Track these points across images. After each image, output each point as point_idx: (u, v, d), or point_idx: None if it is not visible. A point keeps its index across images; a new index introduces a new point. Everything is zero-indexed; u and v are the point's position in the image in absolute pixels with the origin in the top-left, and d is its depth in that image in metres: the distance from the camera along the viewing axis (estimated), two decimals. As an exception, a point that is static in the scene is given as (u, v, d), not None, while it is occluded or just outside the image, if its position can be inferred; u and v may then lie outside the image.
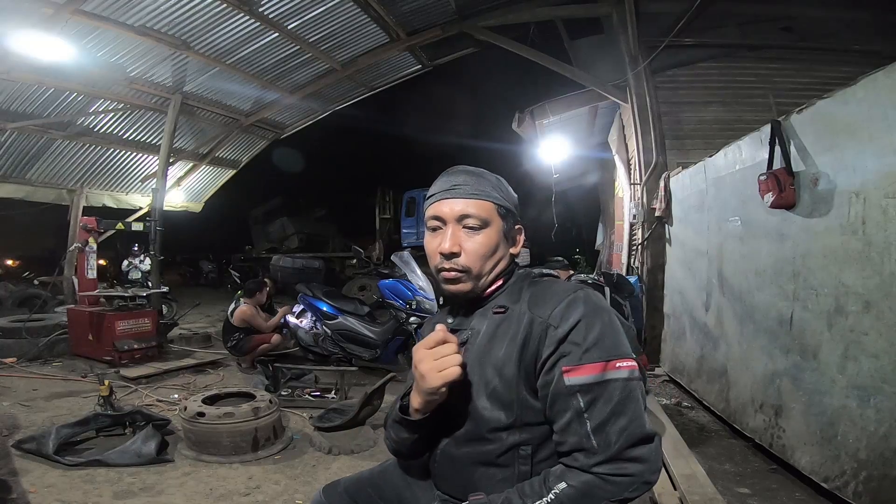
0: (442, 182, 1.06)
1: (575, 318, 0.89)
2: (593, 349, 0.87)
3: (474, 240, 1.01)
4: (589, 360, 0.86)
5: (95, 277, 5.55)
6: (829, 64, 5.15)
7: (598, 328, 0.88)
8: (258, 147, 9.57)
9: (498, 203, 1.03)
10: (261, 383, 4.17)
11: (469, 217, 1.01)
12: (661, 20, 5.42)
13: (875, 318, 2.06)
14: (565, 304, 0.91)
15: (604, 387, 0.85)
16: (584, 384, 0.86)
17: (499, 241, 1.03)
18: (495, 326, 1.00)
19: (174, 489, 2.56)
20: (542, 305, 0.94)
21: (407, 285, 4.72)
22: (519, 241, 1.10)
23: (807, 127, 2.51)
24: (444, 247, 1.00)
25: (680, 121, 5.44)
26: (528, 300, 0.97)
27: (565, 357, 0.88)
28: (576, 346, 0.87)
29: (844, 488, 2.15)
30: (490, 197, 1.03)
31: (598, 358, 0.86)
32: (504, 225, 1.05)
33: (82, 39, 5.17)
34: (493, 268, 1.04)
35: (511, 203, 1.07)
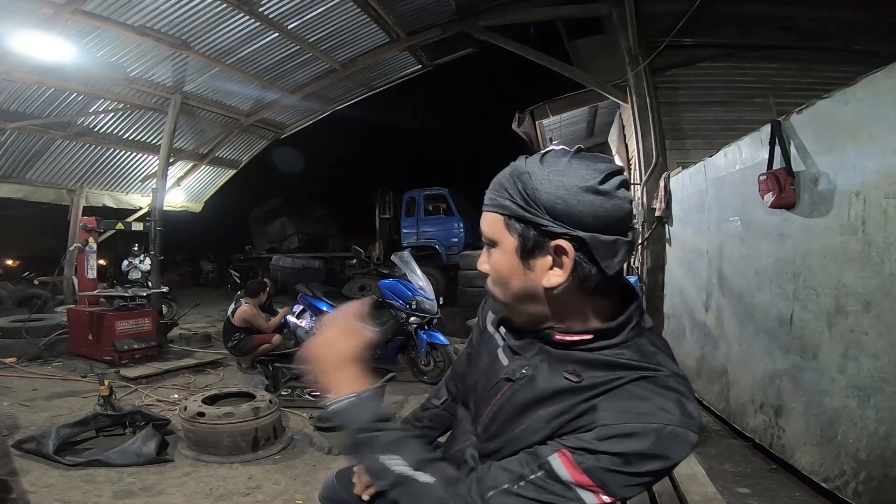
0: None
1: (622, 449, 0.68)
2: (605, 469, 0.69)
3: (491, 258, 0.83)
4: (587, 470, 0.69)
5: (95, 277, 5.55)
6: (829, 64, 5.15)
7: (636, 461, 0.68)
8: (258, 147, 9.57)
9: (506, 213, 0.78)
10: (261, 383, 4.17)
11: (484, 233, 0.83)
12: (661, 20, 5.42)
13: (875, 318, 2.06)
14: (631, 426, 0.69)
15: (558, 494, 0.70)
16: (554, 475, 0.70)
17: (510, 265, 0.79)
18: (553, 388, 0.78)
19: (174, 489, 2.56)
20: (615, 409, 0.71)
21: (407, 285, 4.72)
22: (559, 266, 0.75)
23: (807, 127, 2.51)
24: (479, 265, 0.87)
25: (680, 121, 5.44)
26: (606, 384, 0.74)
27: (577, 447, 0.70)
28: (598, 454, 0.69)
29: (844, 488, 2.15)
30: (497, 207, 0.79)
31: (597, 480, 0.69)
32: (518, 242, 0.77)
33: (82, 39, 5.17)
34: (521, 300, 0.81)
35: (532, 205, 0.74)
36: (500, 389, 0.86)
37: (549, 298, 0.78)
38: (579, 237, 0.72)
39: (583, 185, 0.72)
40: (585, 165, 0.74)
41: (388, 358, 4.69)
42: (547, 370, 0.81)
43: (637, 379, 0.73)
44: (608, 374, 0.75)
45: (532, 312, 0.82)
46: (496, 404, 0.86)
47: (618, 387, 0.73)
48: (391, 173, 16.20)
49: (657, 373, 0.75)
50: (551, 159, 0.76)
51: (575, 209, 0.72)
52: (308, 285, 5.24)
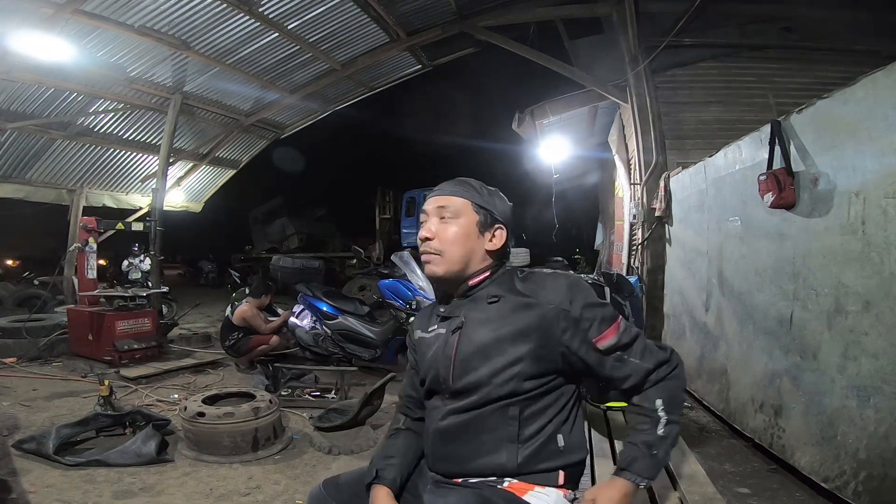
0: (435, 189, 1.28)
1: (581, 299, 1.13)
2: (606, 319, 1.14)
3: (446, 227, 1.20)
4: (607, 327, 1.13)
5: (95, 277, 5.55)
6: (829, 64, 5.15)
7: (597, 301, 1.16)
8: (258, 147, 9.57)
9: (474, 201, 1.22)
10: (261, 383, 4.17)
11: (444, 209, 1.21)
12: (661, 20, 5.42)
13: (875, 318, 2.06)
14: (567, 288, 1.15)
15: (625, 336, 1.14)
16: (614, 344, 1.13)
17: (469, 232, 1.20)
18: (492, 313, 1.17)
19: (174, 489, 2.56)
20: (548, 292, 1.15)
21: (407, 285, 4.72)
22: (497, 238, 1.23)
23: (807, 127, 2.51)
24: (421, 233, 1.22)
25: (680, 121, 5.43)
26: (528, 290, 1.17)
27: (589, 330, 1.12)
28: (593, 320, 1.13)
29: (844, 488, 2.15)
30: (466, 195, 1.22)
31: (612, 322, 1.14)
32: (479, 219, 1.21)
33: (82, 39, 5.17)
34: (464, 255, 1.19)
35: (491, 206, 1.23)
36: (453, 343, 1.18)
37: (485, 252, 1.23)
38: (506, 224, 1.26)
39: (505, 200, 1.29)
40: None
41: (388, 358, 4.70)
42: (475, 309, 1.20)
43: (525, 274, 1.25)
44: (510, 281, 1.22)
45: (463, 264, 1.20)
46: (458, 352, 1.17)
47: (519, 280, 1.23)
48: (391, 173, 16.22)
49: (529, 271, 1.26)
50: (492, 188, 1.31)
51: (505, 213, 1.27)
52: (308, 285, 5.24)
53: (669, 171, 4.80)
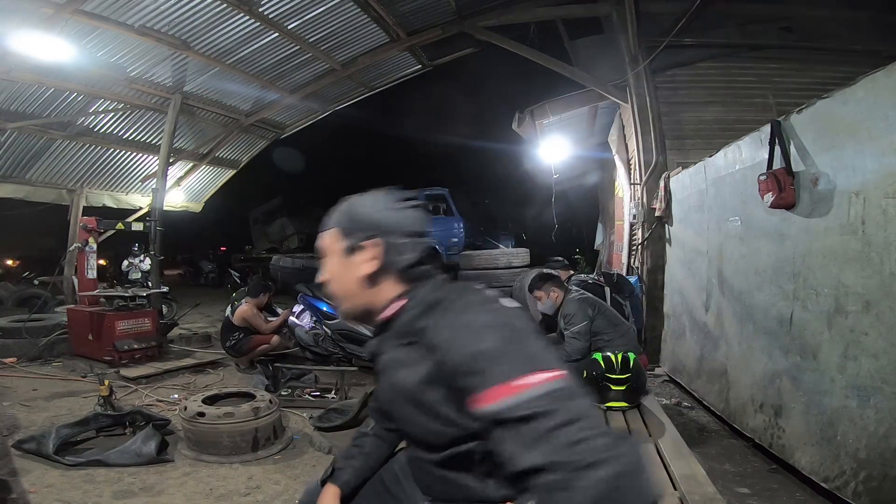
0: None
1: (470, 341, 0.79)
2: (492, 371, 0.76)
3: (325, 268, 1.06)
4: (490, 385, 0.75)
5: (95, 277, 5.55)
6: (829, 64, 5.15)
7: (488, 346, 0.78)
8: (258, 147, 9.57)
9: (337, 226, 1.05)
10: (261, 383, 4.17)
11: (320, 249, 1.08)
12: (661, 20, 5.42)
13: (875, 318, 2.06)
14: (458, 327, 0.82)
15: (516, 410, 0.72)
16: (495, 412, 0.74)
17: (341, 266, 1.02)
18: (401, 356, 0.94)
19: (174, 489, 2.56)
20: (439, 332, 0.84)
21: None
22: (368, 256, 0.98)
23: (807, 127, 2.51)
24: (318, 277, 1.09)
25: (680, 121, 5.44)
26: (430, 326, 0.87)
27: (469, 386, 0.78)
28: (475, 373, 0.77)
29: (844, 488, 2.15)
30: (331, 223, 1.07)
31: (499, 380, 0.74)
32: (344, 246, 1.01)
33: (82, 39, 5.17)
34: (350, 294, 1.02)
35: (352, 221, 1.03)
36: (382, 381, 1.03)
37: (365, 286, 1.00)
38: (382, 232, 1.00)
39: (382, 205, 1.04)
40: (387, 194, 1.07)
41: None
42: (391, 348, 0.98)
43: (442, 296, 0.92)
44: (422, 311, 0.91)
45: (360, 302, 1.02)
46: (381, 394, 1.06)
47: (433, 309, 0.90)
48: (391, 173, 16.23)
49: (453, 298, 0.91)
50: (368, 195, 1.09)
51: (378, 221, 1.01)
52: (308, 285, 5.24)
53: (669, 171, 4.80)
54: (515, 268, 7.45)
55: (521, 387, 0.74)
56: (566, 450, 0.69)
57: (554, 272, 4.19)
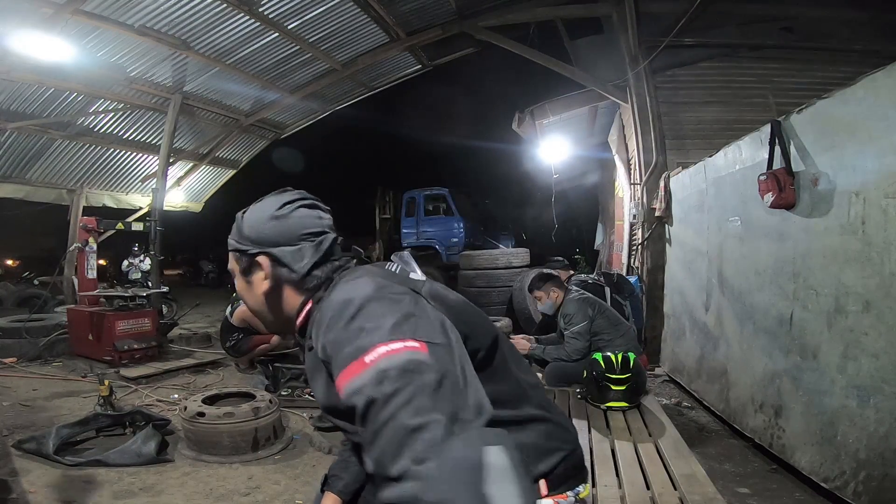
0: None
1: (321, 327, 0.76)
2: (337, 353, 0.68)
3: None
4: (339, 369, 0.66)
5: (95, 277, 5.55)
6: (829, 64, 5.15)
7: (338, 323, 0.71)
8: (258, 147, 9.57)
9: (231, 248, 1.00)
10: (261, 383, 4.17)
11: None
12: (661, 20, 5.42)
13: (875, 318, 2.06)
14: (322, 314, 0.78)
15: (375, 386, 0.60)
16: (346, 399, 0.63)
17: (243, 287, 0.99)
18: (311, 361, 0.91)
19: (174, 489, 2.56)
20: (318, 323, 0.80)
21: (407, 285, 4.71)
22: (262, 274, 0.94)
23: (807, 127, 2.51)
24: None
25: (680, 121, 5.43)
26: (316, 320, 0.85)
27: (330, 369, 0.71)
28: (328, 360, 0.72)
29: (844, 488, 2.15)
30: (229, 247, 1.01)
31: (353, 355, 0.65)
32: (241, 268, 0.97)
33: (82, 39, 5.17)
34: (262, 311, 0.99)
35: (240, 240, 0.97)
36: None
37: (270, 302, 0.96)
38: (269, 252, 0.93)
39: (265, 215, 0.96)
40: (274, 200, 1.01)
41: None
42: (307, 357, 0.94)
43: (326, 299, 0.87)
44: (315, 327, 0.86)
45: (273, 318, 0.98)
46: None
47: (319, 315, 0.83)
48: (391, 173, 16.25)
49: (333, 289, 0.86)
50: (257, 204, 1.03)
51: (262, 234, 0.95)
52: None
53: (669, 171, 4.80)
54: (515, 268, 7.45)
55: (362, 366, 0.63)
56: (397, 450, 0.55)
57: (554, 272, 4.19)
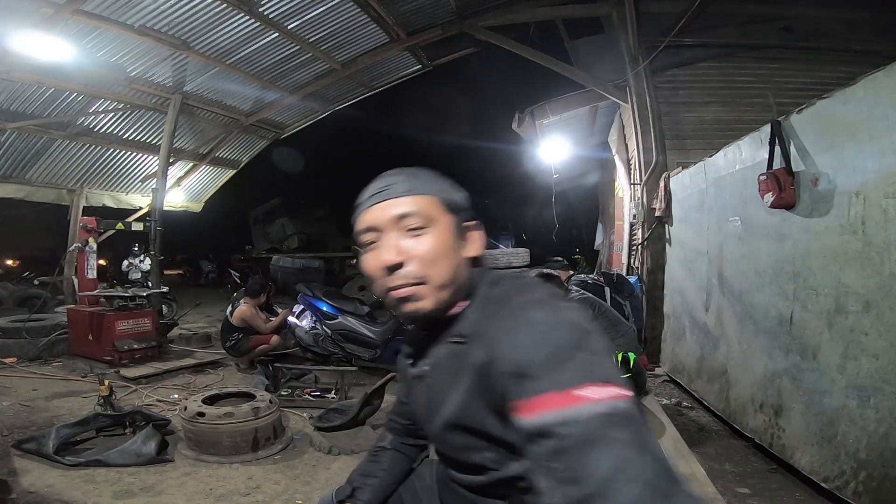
0: (368, 189, 0.88)
1: (525, 339, 0.67)
2: (548, 375, 0.62)
3: (422, 241, 0.81)
4: (542, 391, 0.61)
5: (95, 277, 5.55)
6: (829, 64, 5.15)
7: (553, 344, 0.64)
8: (258, 147, 9.57)
9: (441, 196, 0.85)
10: (261, 383, 4.17)
11: (409, 217, 0.81)
12: (661, 20, 5.42)
13: (875, 318, 2.06)
14: (513, 325, 0.70)
15: (565, 426, 0.58)
16: (541, 425, 0.60)
17: (452, 241, 0.83)
18: (451, 359, 0.82)
19: (174, 489, 2.56)
20: (495, 330, 0.72)
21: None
22: (476, 241, 0.88)
23: (807, 127, 2.51)
24: (385, 258, 0.80)
25: (680, 121, 5.44)
26: (484, 325, 0.77)
27: (515, 391, 0.65)
28: (525, 376, 0.64)
29: (844, 488, 2.15)
30: (430, 191, 0.85)
31: (555, 386, 0.61)
32: (454, 220, 0.85)
33: (82, 39, 5.17)
34: (453, 276, 0.82)
35: (452, 194, 0.88)
36: (417, 391, 0.94)
37: (465, 264, 0.86)
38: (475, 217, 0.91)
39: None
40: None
41: (388, 358, 4.70)
42: (437, 353, 0.87)
43: (500, 291, 0.81)
44: (483, 308, 0.80)
45: (453, 289, 0.83)
46: (421, 402, 0.93)
47: (492, 303, 0.79)
48: (391, 173, 16.19)
49: (511, 294, 0.78)
50: None
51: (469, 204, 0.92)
52: (308, 285, 5.24)
53: (669, 171, 4.80)
54: (515, 268, 7.44)
55: (578, 399, 0.59)
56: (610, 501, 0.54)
57: (554, 272, 4.18)
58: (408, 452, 1.15)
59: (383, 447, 1.15)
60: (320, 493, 2.55)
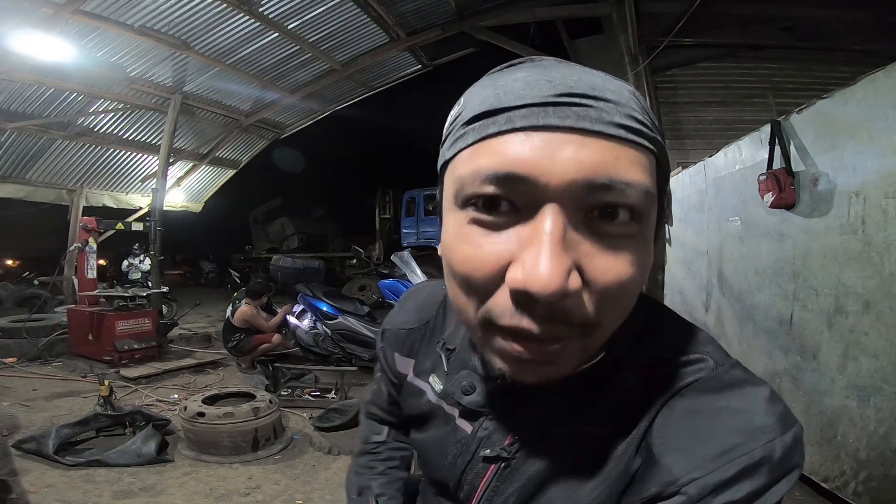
0: (523, 82, 0.41)
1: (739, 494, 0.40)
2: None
3: (619, 259, 0.39)
4: None
5: (95, 277, 5.55)
6: (829, 64, 5.16)
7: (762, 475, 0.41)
8: (258, 147, 9.58)
9: (659, 154, 0.43)
10: (261, 383, 4.17)
11: (619, 194, 0.38)
12: (661, 20, 5.42)
13: (875, 318, 2.06)
14: (735, 471, 0.40)
15: None
16: None
17: (647, 245, 0.44)
18: (572, 447, 0.48)
19: (174, 489, 2.56)
20: (686, 448, 0.42)
21: (407, 285, 4.72)
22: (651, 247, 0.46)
23: (807, 127, 2.51)
24: (539, 276, 0.36)
25: (680, 121, 5.44)
26: (661, 420, 0.45)
27: None
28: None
29: (844, 488, 2.15)
30: (651, 141, 0.41)
31: None
32: (657, 210, 0.46)
33: (82, 39, 5.17)
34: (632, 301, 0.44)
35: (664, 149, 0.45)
36: (483, 473, 0.53)
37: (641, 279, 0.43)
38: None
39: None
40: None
41: (388, 358, 4.69)
42: (551, 427, 0.50)
43: (683, 388, 0.46)
44: (635, 398, 0.47)
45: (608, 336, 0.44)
46: (487, 493, 0.53)
47: (662, 412, 0.45)
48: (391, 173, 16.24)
49: (704, 367, 0.47)
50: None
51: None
52: (308, 285, 5.25)
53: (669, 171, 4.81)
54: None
55: None
56: None
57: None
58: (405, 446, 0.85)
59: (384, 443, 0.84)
60: (320, 493, 2.56)
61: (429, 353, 0.64)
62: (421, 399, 0.63)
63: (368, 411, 0.86)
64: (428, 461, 0.63)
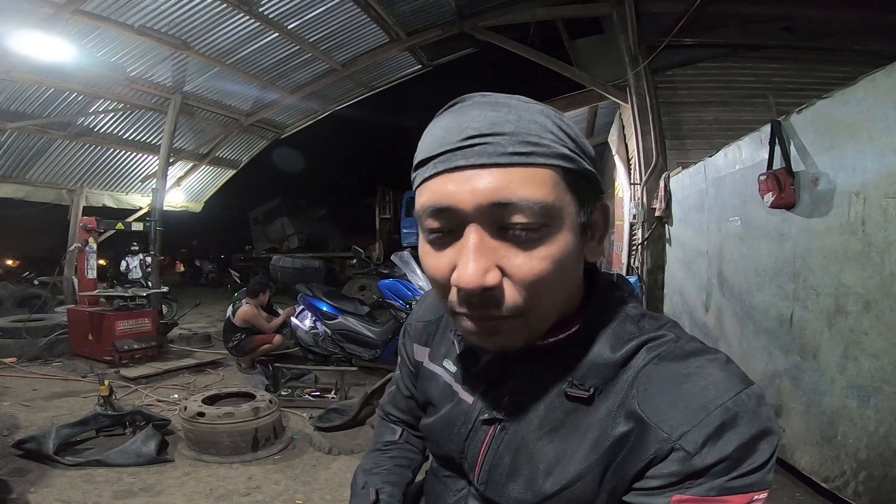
0: (444, 129, 0.53)
1: (729, 447, 0.48)
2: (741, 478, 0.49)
3: (533, 256, 0.50)
4: (729, 491, 0.49)
5: (95, 277, 5.56)
6: (829, 64, 5.16)
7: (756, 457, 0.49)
8: (258, 147, 9.57)
9: (566, 166, 0.51)
10: (261, 383, 4.17)
11: (514, 208, 0.49)
12: (661, 20, 5.42)
13: (875, 318, 2.06)
14: (717, 423, 0.49)
15: None
16: None
17: (575, 248, 0.53)
18: (558, 411, 0.58)
19: (174, 489, 2.56)
20: (669, 409, 0.51)
21: (407, 285, 4.72)
22: (601, 232, 0.58)
23: (807, 127, 2.51)
24: (465, 276, 0.49)
25: (680, 121, 5.44)
26: (642, 389, 0.54)
27: (693, 488, 0.49)
28: (715, 477, 0.49)
29: (844, 488, 2.15)
30: (551, 157, 0.50)
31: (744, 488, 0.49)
32: (579, 207, 0.53)
33: (82, 39, 5.17)
34: (565, 299, 0.57)
35: (587, 158, 0.54)
36: (483, 438, 0.63)
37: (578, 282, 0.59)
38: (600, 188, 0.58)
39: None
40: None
41: (388, 358, 4.70)
42: (540, 395, 0.59)
43: (653, 359, 0.55)
44: (614, 367, 0.56)
45: (556, 317, 0.57)
46: (488, 454, 0.62)
47: (639, 376, 0.54)
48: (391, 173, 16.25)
49: (667, 339, 0.56)
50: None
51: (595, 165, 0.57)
52: (308, 285, 5.24)
53: (669, 171, 4.80)
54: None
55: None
56: None
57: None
58: (416, 445, 0.91)
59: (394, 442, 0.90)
60: (320, 493, 2.56)
61: (443, 341, 0.75)
62: (435, 382, 0.74)
63: (384, 412, 0.95)
64: (437, 439, 0.71)
